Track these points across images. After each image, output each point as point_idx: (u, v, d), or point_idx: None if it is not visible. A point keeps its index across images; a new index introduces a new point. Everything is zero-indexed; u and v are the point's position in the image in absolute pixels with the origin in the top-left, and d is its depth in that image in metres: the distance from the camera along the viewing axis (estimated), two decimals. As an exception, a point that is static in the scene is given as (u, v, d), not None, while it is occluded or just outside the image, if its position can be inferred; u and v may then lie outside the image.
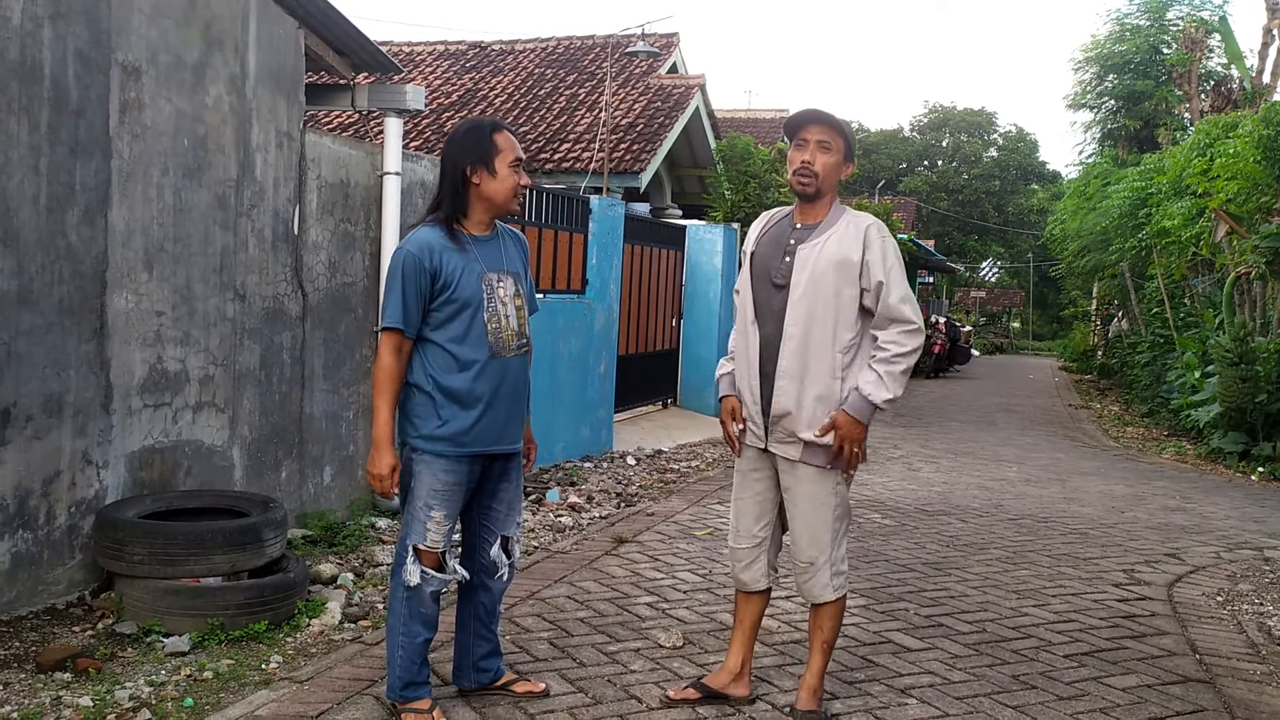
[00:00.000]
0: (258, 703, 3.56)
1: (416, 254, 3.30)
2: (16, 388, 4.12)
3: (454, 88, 16.34)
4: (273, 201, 5.43)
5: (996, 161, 54.31)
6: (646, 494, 7.74)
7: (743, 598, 3.70)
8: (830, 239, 3.40)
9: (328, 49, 5.91)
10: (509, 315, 3.40)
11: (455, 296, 3.31)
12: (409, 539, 3.38)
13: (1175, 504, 8.44)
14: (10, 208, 4.06)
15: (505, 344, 3.38)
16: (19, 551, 4.18)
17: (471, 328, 3.33)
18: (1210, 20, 20.89)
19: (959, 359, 26.23)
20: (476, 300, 3.34)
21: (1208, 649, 4.59)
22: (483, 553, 3.56)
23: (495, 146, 3.39)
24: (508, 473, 3.55)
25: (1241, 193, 11.96)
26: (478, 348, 3.33)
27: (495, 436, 3.41)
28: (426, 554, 3.37)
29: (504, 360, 3.38)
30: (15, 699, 3.51)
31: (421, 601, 3.39)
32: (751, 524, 3.63)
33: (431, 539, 3.36)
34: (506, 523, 3.57)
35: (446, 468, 3.34)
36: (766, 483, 3.59)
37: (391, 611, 3.45)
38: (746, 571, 3.64)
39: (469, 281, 3.33)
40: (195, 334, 5.00)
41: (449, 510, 3.38)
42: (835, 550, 3.49)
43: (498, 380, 3.37)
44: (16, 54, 4.06)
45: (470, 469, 3.40)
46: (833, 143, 3.43)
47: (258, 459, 5.44)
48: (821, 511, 3.46)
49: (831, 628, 3.53)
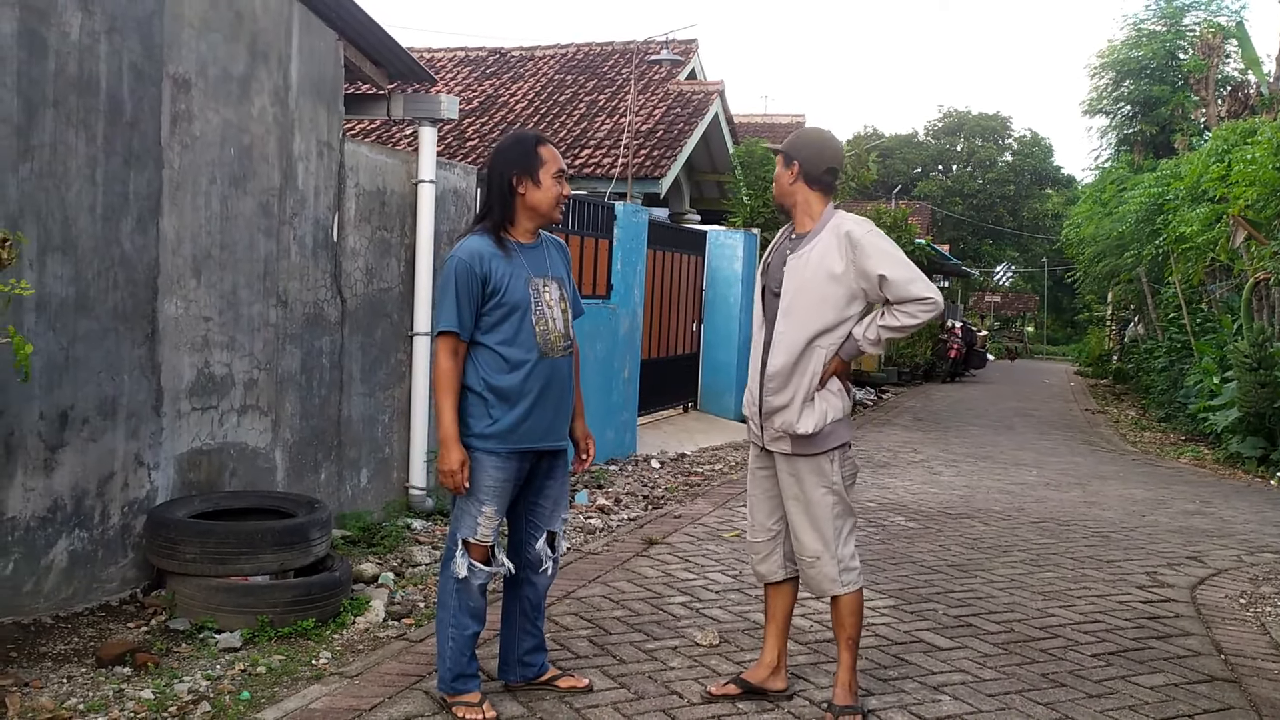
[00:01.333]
0: (311, 696, 3.68)
1: (468, 261, 3.44)
2: (74, 391, 4.26)
3: (475, 94, 16.50)
4: (313, 209, 5.57)
5: (1011, 166, 54.32)
6: (672, 496, 7.85)
7: (771, 591, 3.82)
8: (815, 248, 3.57)
9: (365, 60, 6.05)
10: (555, 318, 3.55)
11: (505, 301, 3.45)
12: (459, 533, 3.52)
13: (1195, 508, 8.51)
14: (69, 216, 4.20)
15: (552, 345, 3.52)
16: (75, 550, 4.31)
17: (520, 330, 3.47)
18: (1227, 25, 20.91)
19: (975, 364, 26.25)
20: (525, 304, 3.48)
21: (1232, 649, 4.68)
22: (528, 548, 3.68)
23: (540, 158, 3.53)
24: (553, 470, 3.67)
25: (1260, 198, 11.99)
26: (527, 349, 3.47)
27: (543, 434, 3.54)
28: (475, 548, 3.51)
29: (551, 360, 3.52)
30: (80, 691, 3.64)
31: (470, 594, 3.53)
32: (764, 518, 3.77)
33: (481, 533, 3.49)
34: (552, 519, 3.70)
35: (497, 464, 3.48)
36: (774, 479, 3.72)
37: (441, 605, 3.58)
38: (764, 564, 3.78)
39: (517, 286, 3.48)
40: (240, 339, 5.13)
41: (499, 506, 3.52)
42: (841, 547, 3.60)
43: (545, 379, 3.51)
44: (75, 68, 4.20)
45: (519, 465, 3.53)
46: (778, 160, 3.69)
47: (298, 461, 5.57)
48: (819, 509, 3.58)
49: (852, 624, 3.62)
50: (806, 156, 3.62)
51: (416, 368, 6.41)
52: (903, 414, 15.71)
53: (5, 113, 3.93)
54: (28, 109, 4.01)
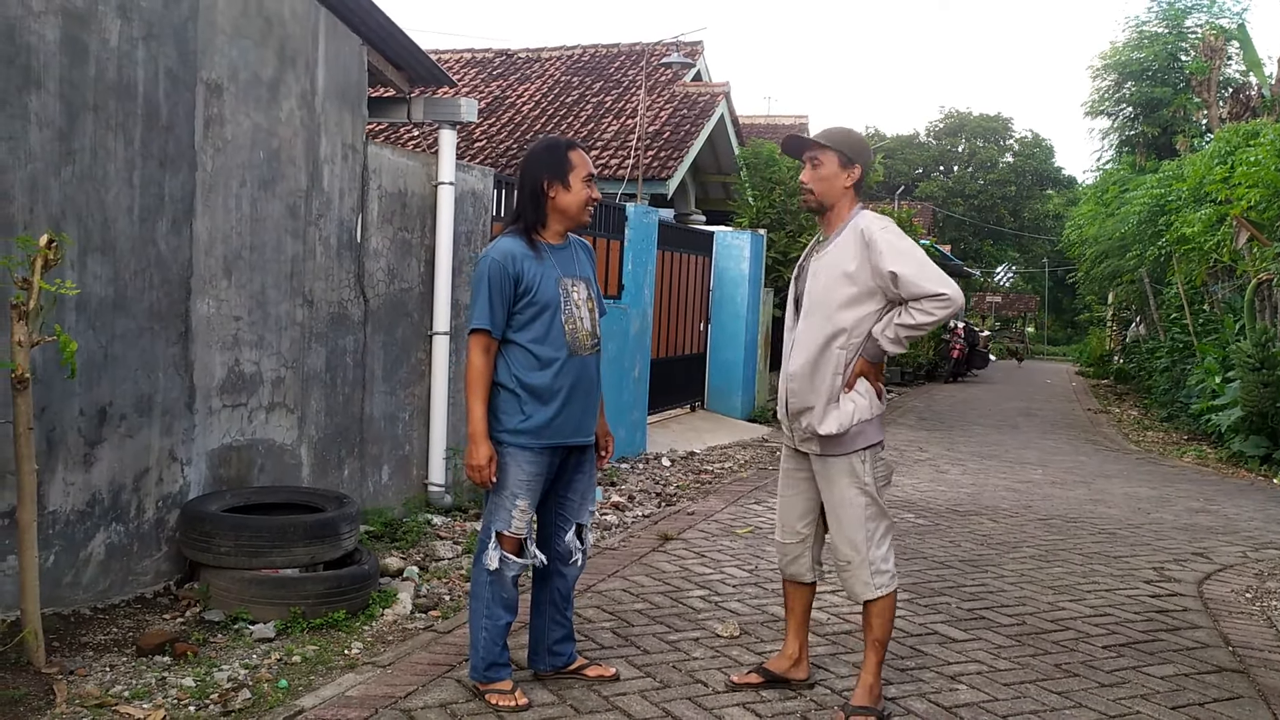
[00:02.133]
0: (346, 684, 3.79)
1: (501, 260, 3.56)
2: (112, 388, 4.38)
3: (482, 95, 16.62)
4: (338, 211, 5.68)
5: (1012, 167, 54.43)
6: (684, 494, 7.97)
7: (790, 588, 3.91)
8: (834, 248, 3.62)
9: (387, 64, 6.16)
10: (583, 317, 3.67)
11: (536, 300, 3.57)
12: (493, 525, 3.63)
13: (1199, 506, 8.62)
14: (108, 218, 4.32)
15: (581, 343, 3.65)
16: (112, 543, 4.43)
17: (551, 328, 3.59)
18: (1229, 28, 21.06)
19: (977, 364, 26.36)
20: (555, 303, 3.60)
21: (1240, 641, 4.79)
22: (558, 540, 3.80)
23: (570, 163, 3.68)
24: (582, 464, 3.79)
25: (1263, 200, 12.11)
26: (557, 347, 3.59)
27: (573, 429, 3.67)
28: (508, 540, 3.62)
29: (580, 358, 3.64)
30: (123, 680, 3.75)
31: (503, 585, 3.65)
32: (795, 520, 3.83)
33: (515, 525, 3.61)
34: (580, 511, 3.82)
35: (530, 459, 3.60)
36: (809, 481, 3.78)
37: (474, 596, 3.70)
38: (793, 565, 3.86)
39: (548, 286, 3.59)
40: (269, 338, 5.25)
41: (531, 499, 3.63)
42: (873, 550, 3.64)
43: (575, 376, 3.63)
44: (114, 74, 4.31)
45: (550, 460, 3.65)
46: (821, 157, 3.64)
47: (323, 457, 5.68)
48: (851, 511, 3.63)
49: (880, 625, 3.66)
50: (866, 162, 3.68)
51: (436, 367, 6.53)
52: (907, 414, 15.82)
53: (48, 117, 4.04)
54: (69, 113, 4.12)
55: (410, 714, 3.52)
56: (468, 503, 6.82)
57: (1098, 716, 3.79)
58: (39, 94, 4.01)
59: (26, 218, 3.98)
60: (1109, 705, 3.91)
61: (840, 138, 3.68)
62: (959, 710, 3.79)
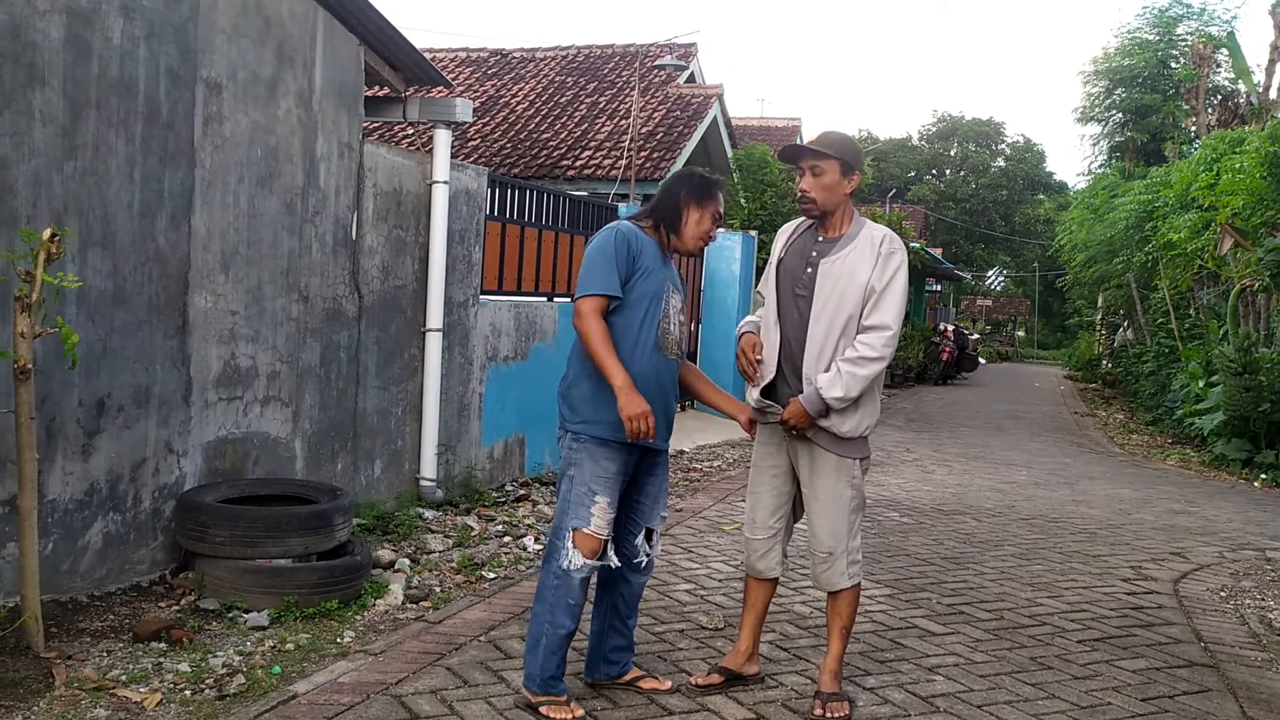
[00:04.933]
0: (339, 671, 3.88)
1: (626, 234, 3.57)
2: (110, 380, 4.46)
3: (476, 95, 16.70)
4: (334, 208, 5.77)
5: (1004, 171, 54.67)
6: (673, 491, 8.06)
7: (754, 584, 3.95)
8: (849, 254, 3.66)
9: (384, 64, 6.25)
10: (677, 322, 3.67)
11: (644, 285, 3.55)
12: (570, 523, 3.53)
13: (1180, 507, 8.76)
14: (109, 213, 4.40)
15: (670, 345, 3.62)
16: (110, 532, 4.51)
17: (646, 318, 3.55)
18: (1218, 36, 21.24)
19: (966, 366, 26.54)
20: (659, 295, 3.58)
21: (1212, 638, 4.91)
22: (627, 543, 3.71)
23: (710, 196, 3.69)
24: (655, 467, 3.73)
25: (1247, 207, 12.27)
26: (647, 338, 3.55)
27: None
28: (588, 539, 3.52)
29: (665, 358, 3.60)
30: (120, 664, 3.84)
31: (570, 590, 3.53)
32: (767, 516, 3.88)
33: (596, 523, 3.52)
34: (651, 515, 3.75)
35: (609, 455, 3.52)
36: (783, 477, 3.86)
37: (539, 599, 3.59)
38: (762, 560, 3.89)
39: (656, 278, 3.59)
40: (264, 332, 5.33)
41: (611, 498, 3.54)
42: (851, 541, 3.75)
43: (657, 374, 3.58)
44: (116, 72, 4.40)
45: (629, 458, 3.57)
46: (823, 165, 3.66)
47: (316, 451, 5.77)
48: (839, 504, 3.72)
49: (849, 614, 3.79)
50: (862, 168, 3.76)
51: (429, 363, 6.62)
52: (896, 415, 15.95)
53: (52, 113, 4.13)
54: (72, 110, 4.21)
55: (401, 700, 3.61)
56: (459, 498, 6.91)
57: (1069, 707, 3.91)
58: (43, 91, 4.09)
59: (30, 212, 4.07)
60: (1081, 696, 4.02)
61: (841, 145, 3.72)
62: (935, 700, 3.90)
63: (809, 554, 3.84)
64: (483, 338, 7.32)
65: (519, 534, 6.26)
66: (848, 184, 3.71)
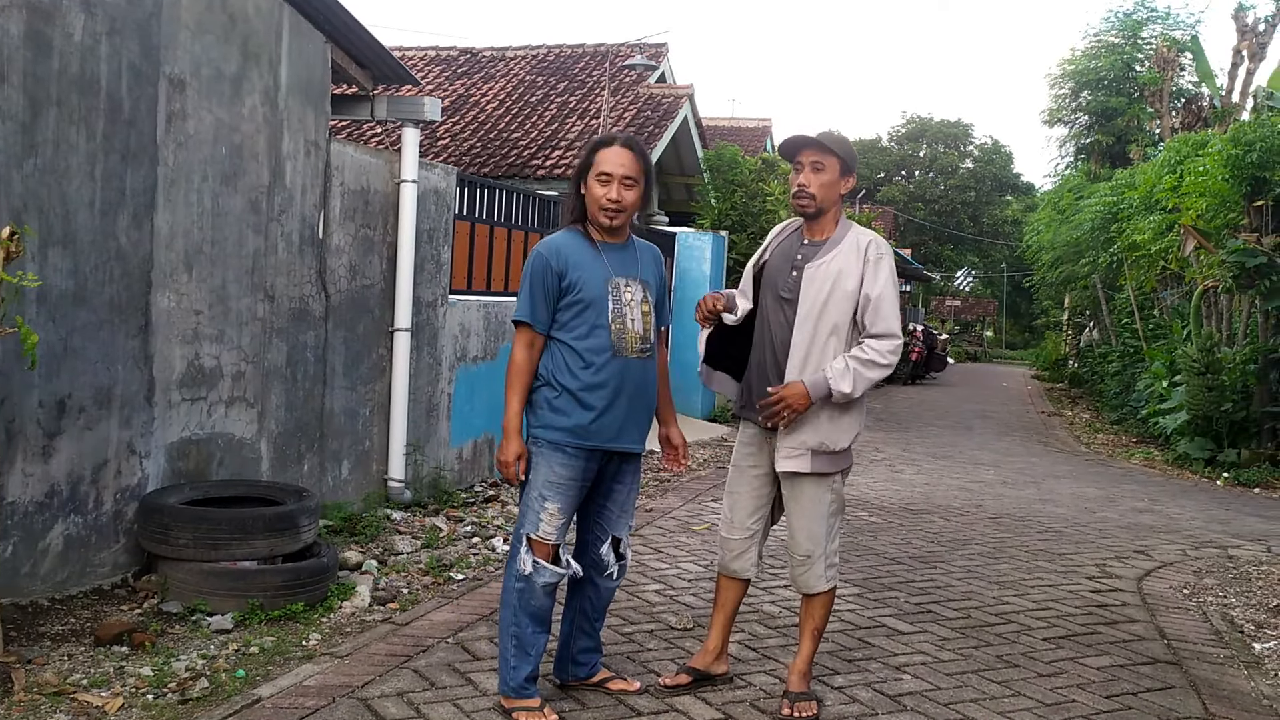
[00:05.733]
0: (304, 674, 3.85)
1: (545, 255, 3.49)
2: (71, 380, 4.40)
3: (446, 93, 16.61)
4: (300, 207, 5.72)
5: (972, 173, 55.08)
6: (643, 491, 8.06)
7: (726, 583, 3.93)
8: (836, 258, 3.63)
9: (351, 62, 6.21)
10: (633, 319, 3.52)
11: (580, 297, 3.47)
12: (523, 529, 3.50)
13: (1144, 506, 8.86)
14: (69, 211, 4.34)
15: (627, 345, 3.50)
16: (70, 534, 4.45)
17: (595, 327, 3.47)
18: (1182, 40, 21.50)
19: (935, 366, 26.72)
20: (600, 301, 3.48)
21: (1175, 635, 4.97)
22: (593, 550, 3.67)
23: (590, 161, 3.53)
24: (623, 474, 3.65)
25: (1210, 209, 12.44)
26: (600, 346, 3.46)
27: (614, 434, 3.51)
28: (539, 545, 3.48)
29: (625, 360, 3.49)
30: (81, 668, 3.79)
31: (533, 594, 3.49)
32: (746, 517, 3.86)
33: (544, 530, 3.46)
34: (618, 524, 3.69)
35: (563, 461, 3.47)
36: (764, 479, 3.84)
37: (504, 604, 3.56)
38: (737, 561, 3.88)
39: (593, 284, 3.48)
40: (229, 332, 5.28)
41: (563, 504, 3.48)
42: (830, 544, 3.75)
43: (619, 379, 3.49)
44: (77, 68, 4.34)
45: (587, 465, 3.50)
46: (825, 162, 3.62)
47: (283, 452, 5.72)
48: (819, 507, 3.72)
49: (822, 616, 3.79)
50: (857, 172, 3.72)
51: (397, 363, 6.58)
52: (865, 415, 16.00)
53: (12, 110, 4.06)
54: (33, 107, 4.14)
55: (367, 703, 3.58)
56: (427, 499, 6.88)
57: (1035, 704, 3.94)
58: (2, 88, 4.02)
59: (-12, 210, 4.00)
60: (1046, 694, 4.05)
61: (842, 145, 3.68)
62: (903, 699, 3.92)
63: (787, 556, 3.85)
64: (451, 337, 7.28)
65: (488, 535, 6.23)
66: (844, 185, 3.70)
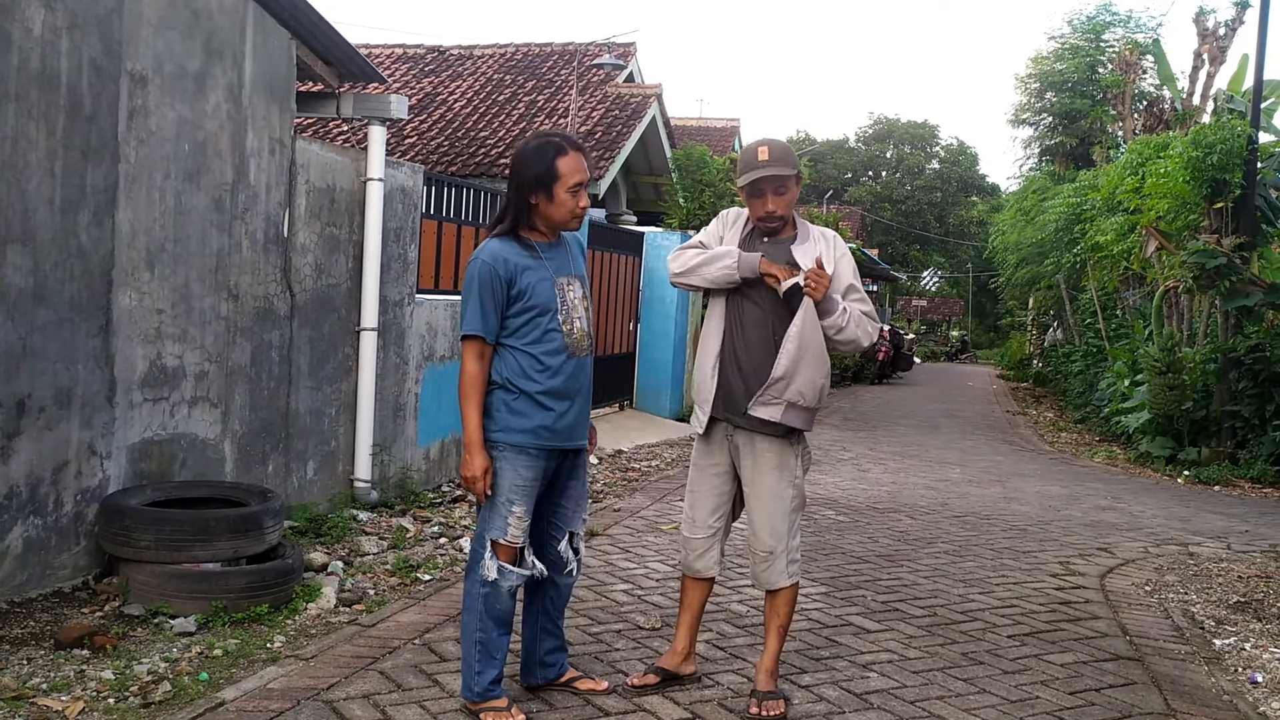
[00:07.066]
0: (268, 677, 3.81)
1: (491, 263, 3.41)
2: (31, 380, 4.33)
3: (413, 92, 16.51)
4: (265, 205, 5.67)
5: (938, 173, 55.55)
6: (611, 491, 8.06)
7: (691, 584, 3.95)
8: (815, 248, 3.73)
9: (317, 59, 6.15)
10: (580, 317, 3.54)
11: (532, 304, 3.43)
12: (488, 534, 3.47)
13: (1107, 503, 8.96)
14: (28, 208, 4.27)
15: (578, 344, 3.52)
16: (30, 536, 4.38)
17: (549, 331, 3.45)
18: (1144, 43, 21.74)
19: (902, 366, 26.89)
20: (551, 305, 3.46)
21: (1137, 632, 5.03)
22: (550, 549, 3.64)
23: (556, 173, 3.43)
24: (575, 469, 3.66)
25: (1171, 210, 12.60)
26: (556, 349, 3.46)
27: (570, 432, 3.53)
28: (504, 549, 3.46)
29: (579, 359, 3.52)
30: (41, 673, 3.73)
31: (499, 598, 3.47)
32: (707, 515, 3.88)
33: (512, 534, 3.45)
34: (574, 519, 3.69)
35: (527, 463, 3.45)
36: (724, 477, 3.87)
37: (467, 610, 3.52)
38: (700, 560, 3.89)
39: (543, 288, 3.46)
40: (192, 331, 5.22)
41: (528, 505, 3.48)
42: (791, 540, 3.78)
43: (575, 379, 3.51)
44: (37, 63, 4.27)
45: (547, 464, 3.51)
46: (786, 184, 3.72)
47: (247, 452, 5.66)
48: (780, 503, 3.75)
49: (787, 613, 3.82)
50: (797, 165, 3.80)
51: (363, 362, 6.53)
52: (833, 414, 16.10)
53: (-32, 105, 3.99)
54: (-10, 102, 4.08)
55: (332, 705, 3.55)
56: (394, 499, 6.83)
57: (999, 701, 3.97)
58: (-42, 82, 3.96)
59: (-56, 207, 3.93)
60: (1011, 690, 4.09)
61: (791, 156, 3.77)
62: (869, 696, 3.94)
63: (749, 553, 3.86)
64: (419, 337, 7.24)
65: (455, 535, 6.20)
66: (798, 190, 3.82)
